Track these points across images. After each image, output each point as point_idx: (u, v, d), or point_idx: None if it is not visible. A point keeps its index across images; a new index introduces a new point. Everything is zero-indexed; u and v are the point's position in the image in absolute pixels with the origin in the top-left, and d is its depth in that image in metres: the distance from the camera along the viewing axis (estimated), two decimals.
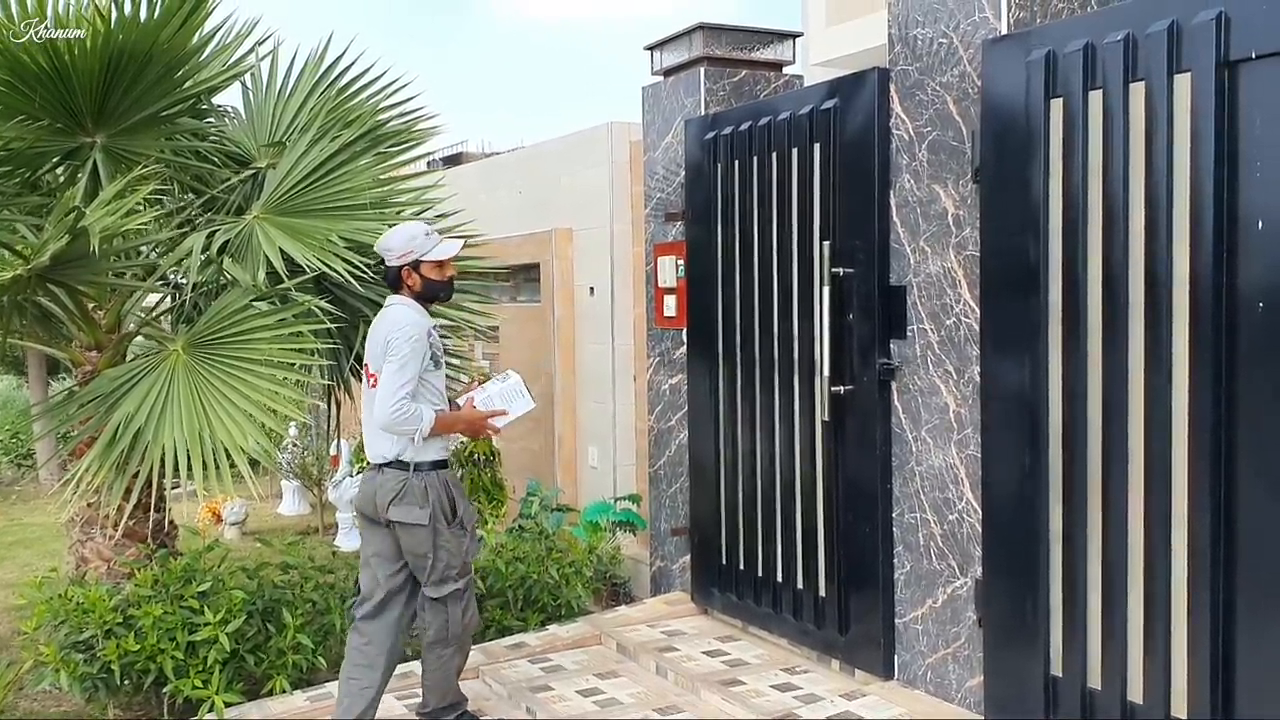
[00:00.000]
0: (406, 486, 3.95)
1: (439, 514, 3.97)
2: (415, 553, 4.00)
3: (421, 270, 4.03)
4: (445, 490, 4.01)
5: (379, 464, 4.01)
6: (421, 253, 4.01)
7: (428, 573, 4.00)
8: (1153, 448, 3.30)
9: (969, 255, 3.89)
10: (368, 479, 4.08)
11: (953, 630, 4.02)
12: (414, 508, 3.95)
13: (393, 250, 4.02)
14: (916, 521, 4.15)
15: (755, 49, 5.44)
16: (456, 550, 4.03)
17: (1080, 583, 3.53)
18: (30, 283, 4.50)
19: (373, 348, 4.00)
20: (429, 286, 4.06)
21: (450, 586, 4.02)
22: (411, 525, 3.96)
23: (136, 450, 4.54)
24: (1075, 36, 3.46)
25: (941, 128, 3.99)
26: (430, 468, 4.00)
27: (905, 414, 4.19)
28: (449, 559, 4.00)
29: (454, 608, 4.06)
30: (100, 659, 4.53)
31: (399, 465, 3.96)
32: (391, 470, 3.97)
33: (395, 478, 3.96)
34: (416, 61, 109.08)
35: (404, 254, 4.00)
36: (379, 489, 3.99)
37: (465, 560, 4.07)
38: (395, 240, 4.02)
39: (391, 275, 4.06)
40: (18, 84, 4.49)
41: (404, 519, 3.95)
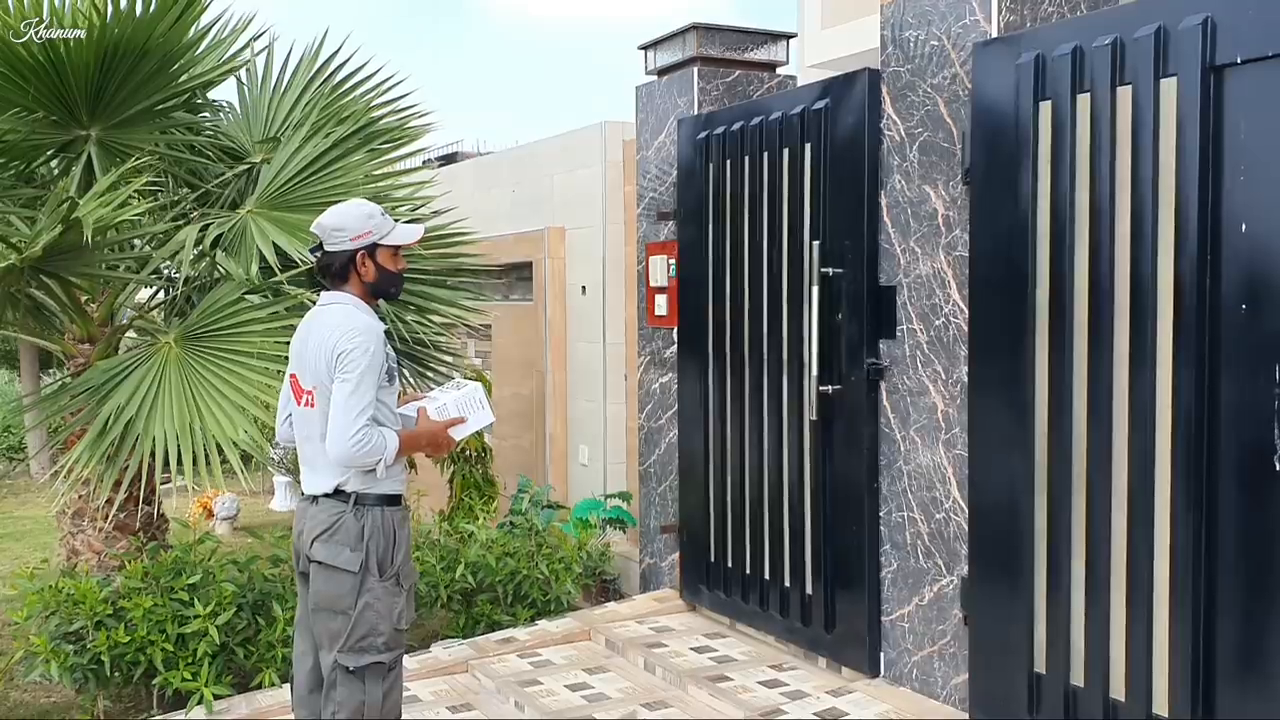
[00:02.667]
0: (340, 522, 3.20)
1: (373, 561, 3.19)
2: (332, 607, 3.20)
3: (377, 257, 3.28)
4: (388, 533, 3.24)
5: (314, 494, 3.28)
6: (380, 235, 3.27)
7: (344, 635, 3.18)
8: (1136, 448, 3.33)
9: (959, 256, 3.92)
10: (299, 513, 3.35)
11: (939, 628, 4.05)
12: (344, 548, 3.18)
13: (345, 230, 3.23)
14: (904, 520, 4.18)
15: (749, 49, 5.47)
16: (386, 611, 3.21)
17: (1064, 581, 3.56)
18: (23, 274, 4.52)
19: (309, 358, 3.24)
20: (383, 278, 3.31)
21: (370, 657, 3.19)
22: (335, 570, 3.18)
23: (127, 442, 4.56)
24: (1064, 40, 3.49)
25: (933, 129, 4.02)
26: (376, 502, 3.24)
27: (894, 413, 4.22)
28: (376, 621, 3.19)
29: (374, 687, 3.21)
30: (90, 650, 4.54)
31: (338, 496, 3.23)
32: (328, 501, 3.24)
33: (329, 509, 3.22)
34: (412, 61, 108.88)
35: (360, 234, 3.24)
36: (307, 522, 3.27)
37: (396, 627, 3.25)
38: (349, 218, 3.25)
39: (338, 263, 3.25)
40: (13, 76, 4.52)
41: (328, 560, 3.19)
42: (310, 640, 3.36)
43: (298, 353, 3.32)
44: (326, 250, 3.27)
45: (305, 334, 3.31)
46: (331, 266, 3.28)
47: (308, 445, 3.33)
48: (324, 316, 3.27)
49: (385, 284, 3.34)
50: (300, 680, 3.41)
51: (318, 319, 3.29)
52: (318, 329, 3.25)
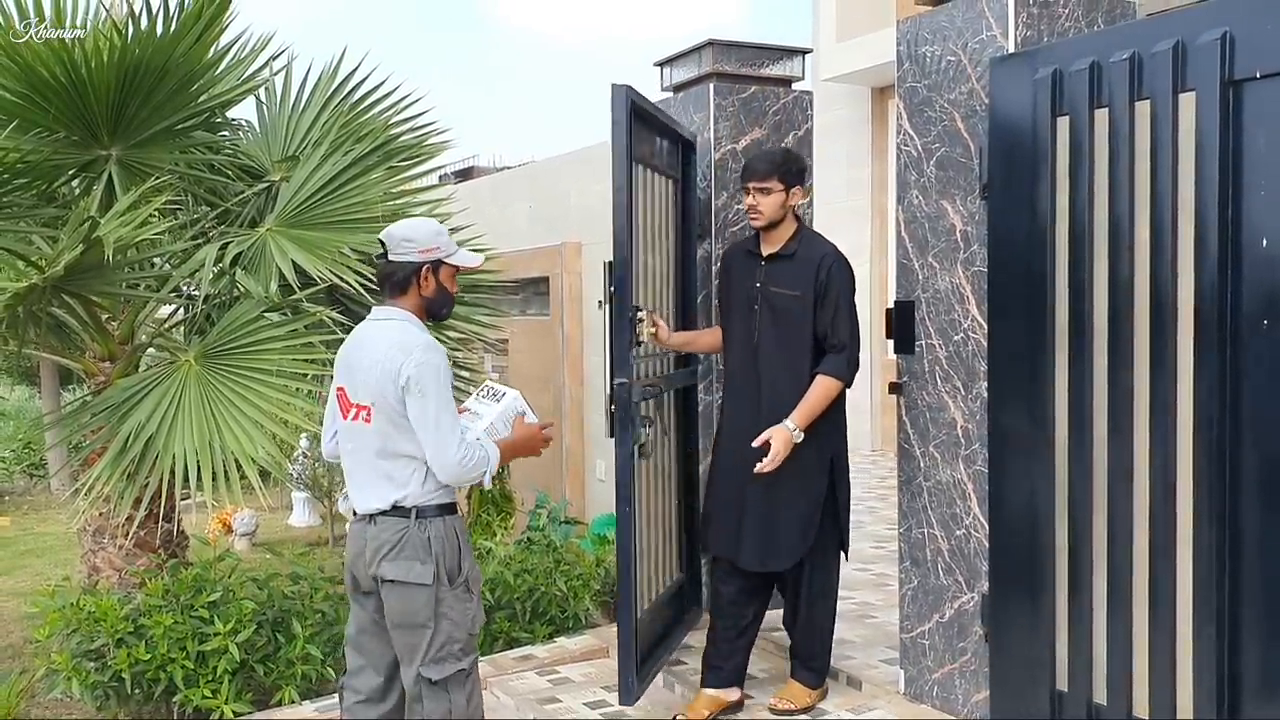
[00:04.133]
0: (406, 537, 3.18)
1: (443, 571, 3.21)
2: (410, 623, 3.21)
3: (440, 275, 3.30)
4: (452, 541, 3.25)
5: (371, 513, 3.24)
6: (446, 253, 3.30)
7: (424, 649, 3.20)
8: (1157, 463, 3.31)
9: (977, 271, 3.92)
10: (355, 534, 3.31)
11: (960, 645, 4.03)
12: (414, 563, 3.17)
13: (415, 242, 3.24)
14: (924, 537, 4.17)
15: (764, 65, 5.47)
16: (461, 619, 3.24)
17: (1086, 598, 3.54)
18: (45, 293, 4.55)
19: (366, 372, 3.20)
20: (440, 297, 3.33)
21: (454, 666, 3.23)
22: (409, 585, 3.18)
23: (147, 459, 4.59)
24: (1081, 55, 3.49)
25: (950, 144, 4.02)
26: (437, 513, 3.24)
27: (913, 429, 4.21)
28: (452, 630, 3.22)
29: (458, 694, 3.25)
30: (111, 667, 4.56)
31: (397, 512, 3.20)
32: (387, 519, 3.20)
33: (392, 527, 3.19)
34: (426, 77, 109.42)
35: (428, 249, 3.26)
36: (369, 542, 3.23)
37: (470, 632, 3.29)
38: (420, 231, 3.27)
39: (402, 275, 3.25)
40: (35, 97, 4.57)
41: (400, 577, 3.18)
42: (371, 656, 3.39)
43: (348, 366, 3.30)
44: (391, 259, 3.27)
45: (357, 348, 3.29)
46: (394, 276, 3.27)
47: (355, 459, 3.29)
48: (381, 332, 3.25)
49: (440, 303, 3.36)
50: (359, 692, 3.40)
51: (374, 335, 3.27)
52: (374, 345, 3.22)
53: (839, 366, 4.07)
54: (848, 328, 4.09)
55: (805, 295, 4.10)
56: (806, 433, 4.03)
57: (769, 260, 4.23)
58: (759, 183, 4.14)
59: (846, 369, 4.08)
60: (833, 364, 4.07)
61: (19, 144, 4.61)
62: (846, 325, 4.09)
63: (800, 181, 4.20)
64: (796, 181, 4.18)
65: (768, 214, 4.15)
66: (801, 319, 4.12)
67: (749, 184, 4.17)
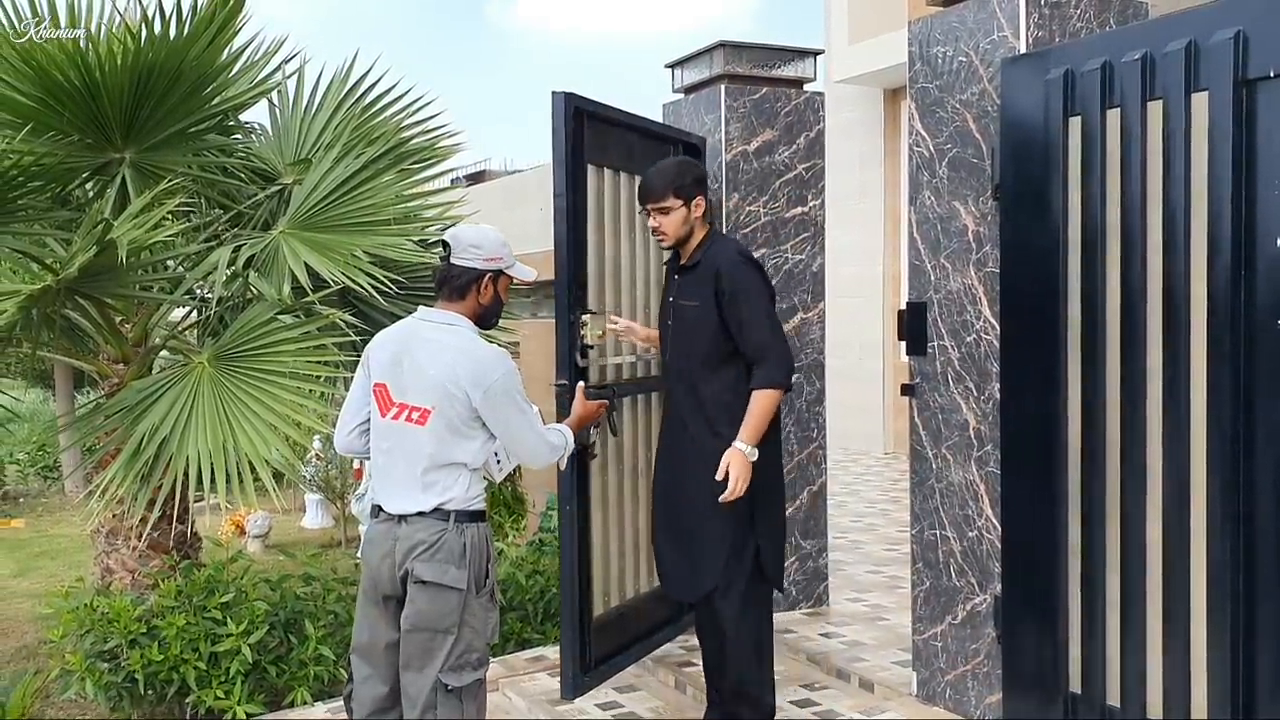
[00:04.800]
0: (443, 540, 3.13)
1: (472, 578, 3.16)
2: (435, 626, 3.13)
3: (499, 285, 3.28)
4: (483, 549, 3.21)
5: (403, 514, 3.18)
6: (507, 265, 3.27)
7: (445, 655, 3.13)
8: (1171, 463, 3.30)
9: (989, 272, 3.91)
10: (382, 533, 3.22)
11: (972, 647, 4.02)
12: (449, 566, 3.11)
13: (482, 250, 3.20)
14: (936, 538, 4.16)
15: (776, 66, 5.47)
16: (481, 627, 3.20)
17: (1099, 600, 3.53)
18: (59, 295, 4.57)
19: (434, 379, 3.13)
20: (495, 307, 3.31)
21: (472, 675, 3.18)
22: (442, 588, 3.12)
23: (160, 461, 4.60)
24: (1093, 55, 3.48)
25: (961, 145, 4.01)
26: (471, 519, 3.19)
27: (925, 431, 4.20)
28: (473, 639, 3.17)
29: (470, 704, 3.21)
30: (125, 668, 4.58)
31: (436, 514, 3.14)
32: (424, 520, 3.14)
33: (430, 528, 3.13)
34: (435, 79, 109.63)
35: (493, 258, 3.22)
36: (400, 541, 3.15)
37: (490, 642, 3.25)
38: (487, 239, 3.23)
39: (464, 280, 3.20)
40: (49, 100, 4.59)
41: (435, 578, 3.11)
42: (379, 666, 3.29)
43: (395, 363, 3.21)
44: (454, 262, 3.20)
45: (405, 345, 3.21)
46: (456, 280, 3.20)
47: (395, 459, 3.21)
48: (442, 337, 3.18)
49: (493, 313, 3.33)
50: (365, 703, 3.33)
51: (433, 338, 3.19)
52: (437, 350, 3.16)
53: (768, 375, 3.75)
54: (760, 333, 3.77)
55: (704, 305, 3.81)
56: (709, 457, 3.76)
57: (680, 273, 3.98)
58: (655, 203, 3.89)
59: (778, 374, 3.76)
60: (761, 375, 3.75)
61: (33, 147, 4.63)
62: (758, 330, 3.76)
63: (700, 191, 3.90)
64: (695, 192, 3.89)
65: (672, 233, 3.91)
66: (699, 330, 3.84)
67: (645, 205, 3.94)
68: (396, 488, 3.20)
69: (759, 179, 5.36)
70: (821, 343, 5.60)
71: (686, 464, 3.90)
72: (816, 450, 5.55)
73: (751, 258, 3.92)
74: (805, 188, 5.50)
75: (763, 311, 3.79)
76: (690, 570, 3.90)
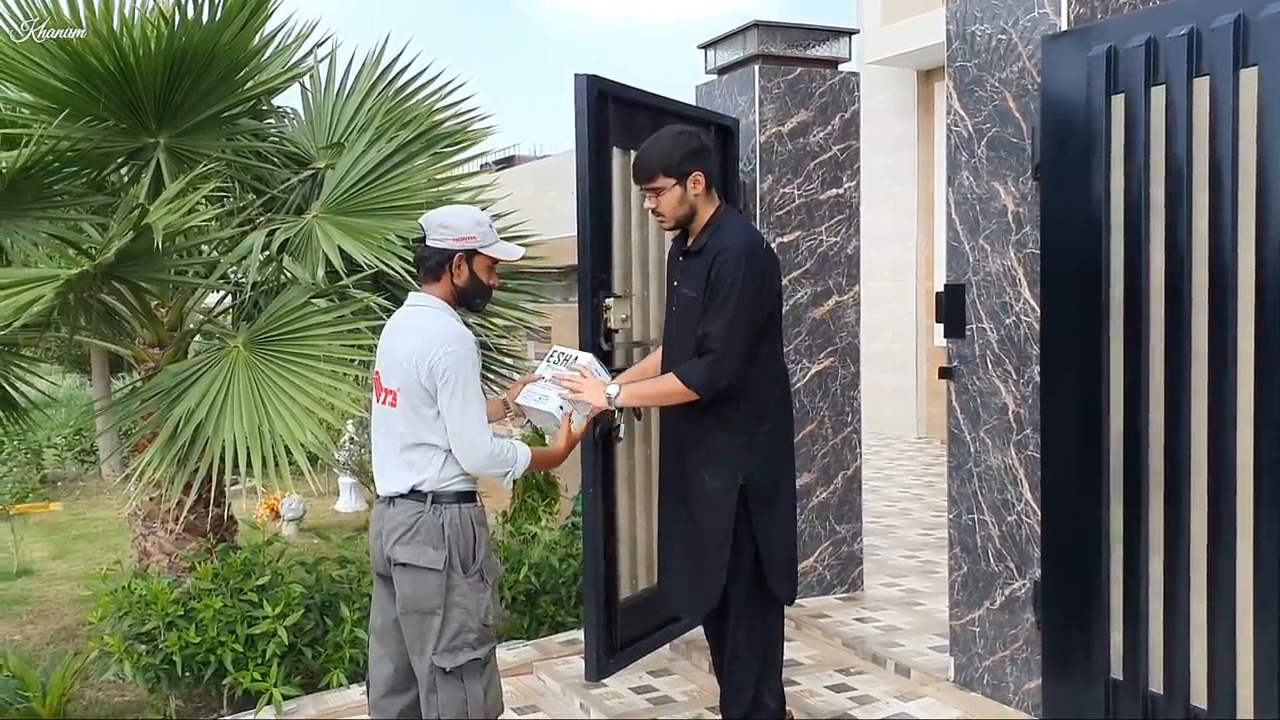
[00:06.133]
0: (420, 521, 3.17)
1: (456, 558, 3.18)
2: (420, 608, 3.18)
3: (474, 264, 3.26)
4: (467, 529, 3.22)
5: (390, 495, 3.24)
6: (482, 243, 3.25)
7: (436, 636, 3.17)
8: (1216, 447, 3.24)
9: (1029, 253, 3.85)
10: (375, 515, 3.33)
11: (1010, 632, 3.98)
12: (426, 548, 3.15)
13: (452, 229, 3.23)
14: (974, 523, 4.11)
15: (810, 46, 5.42)
16: (474, 608, 3.20)
17: (1141, 585, 3.48)
18: (96, 280, 4.59)
19: (396, 358, 3.20)
20: (474, 287, 3.30)
21: (468, 655, 3.19)
22: (420, 570, 3.16)
23: (197, 445, 4.62)
24: (1137, 31, 3.41)
25: (1001, 124, 3.95)
26: (454, 499, 3.21)
27: (963, 414, 4.15)
28: (465, 619, 3.19)
29: (474, 684, 3.21)
30: (162, 650, 4.61)
31: (414, 496, 3.19)
32: (405, 502, 3.19)
33: (408, 510, 3.18)
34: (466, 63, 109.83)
35: (465, 237, 3.23)
36: (386, 523, 3.24)
37: (485, 622, 3.24)
38: (458, 218, 3.26)
39: (435, 261, 3.23)
40: (85, 85, 4.60)
41: (412, 560, 3.16)
42: (389, 645, 3.36)
43: (383, 350, 3.31)
44: (427, 244, 3.25)
45: (391, 333, 3.30)
46: (428, 261, 3.26)
47: (382, 442, 3.29)
48: (412, 319, 3.27)
49: (474, 293, 3.33)
50: (378, 684, 3.40)
51: (406, 320, 3.29)
52: (407, 332, 3.23)
53: (694, 371, 3.42)
54: (720, 328, 3.40)
55: (700, 298, 3.49)
56: (702, 457, 3.54)
57: (685, 257, 3.65)
58: (645, 184, 3.55)
59: (703, 375, 3.41)
60: (689, 368, 3.44)
61: (70, 132, 4.64)
62: (719, 325, 3.40)
63: (696, 166, 3.51)
64: (691, 168, 3.50)
65: (669, 213, 3.56)
66: (695, 325, 3.51)
67: (639, 186, 3.62)
68: (383, 471, 3.28)
69: (793, 161, 5.31)
70: (856, 326, 5.55)
71: (684, 464, 3.62)
72: (851, 435, 5.51)
73: (754, 251, 3.50)
74: (840, 169, 5.45)
75: (737, 309, 3.41)
76: (689, 585, 3.63)
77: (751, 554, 3.55)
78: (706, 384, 3.42)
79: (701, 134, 3.72)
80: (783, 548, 3.63)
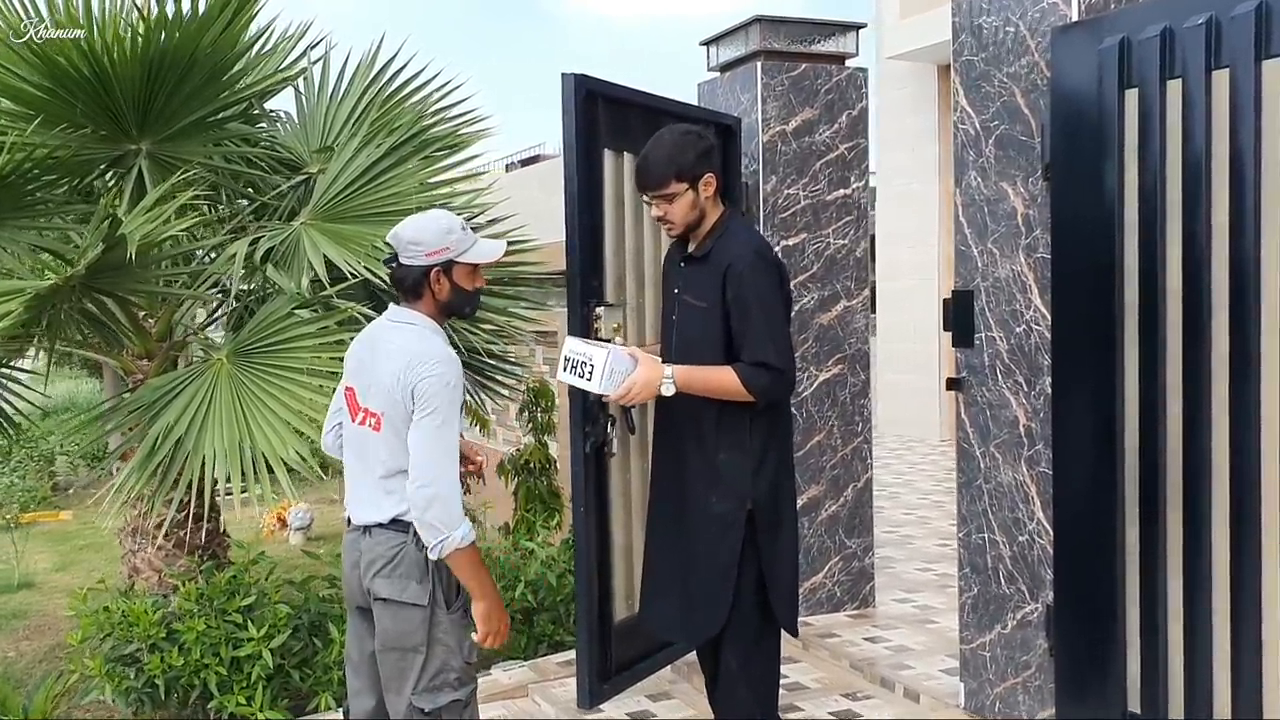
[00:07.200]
0: (402, 553, 2.95)
1: (440, 593, 2.97)
2: (401, 645, 2.97)
3: (454, 275, 3.02)
4: None
5: (367, 525, 3.02)
6: (459, 251, 3.01)
7: (417, 675, 2.97)
8: (1239, 461, 3.02)
9: (1040, 258, 3.64)
10: (349, 544, 3.09)
11: (1022, 659, 3.77)
12: (410, 582, 2.94)
13: (422, 244, 2.97)
14: (984, 542, 3.91)
15: (816, 42, 5.21)
16: (456, 645, 3.00)
17: (1160, 610, 3.26)
18: (76, 291, 4.45)
19: (385, 381, 2.95)
20: (458, 297, 3.07)
21: (449, 695, 2.98)
22: (402, 605, 2.95)
23: (176, 461, 4.48)
24: (1152, 22, 3.20)
25: (1009, 122, 3.74)
26: None
27: (972, 427, 3.95)
28: (447, 657, 2.98)
29: None
30: (146, 673, 4.47)
31: (395, 526, 2.97)
32: (384, 532, 2.97)
33: (388, 541, 2.97)
34: (486, 63, 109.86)
35: (436, 250, 2.98)
36: (363, 555, 3.01)
37: (467, 660, 3.04)
38: (427, 232, 2.99)
39: (412, 280, 3.01)
40: (59, 91, 4.46)
41: (394, 595, 2.95)
42: (366, 679, 3.15)
43: (360, 365, 3.09)
44: (401, 264, 3.02)
45: (370, 349, 3.07)
46: (404, 281, 3.02)
47: (359, 466, 3.08)
48: (394, 337, 3.02)
49: (460, 303, 3.10)
50: (360, 716, 3.19)
51: (389, 340, 3.03)
52: (390, 352, 2.98)
53: (756, 374, 3.19)
54: (766, 342, 3.20)
55: (711, 307, 3.28)
56: (708, 478, 3.32)
57: (687, 263, 3.42)
58: (655, 190, 3.31)
59: (765, 383, 3.19)
60: (753, 373, 3.20)
61: (46, 139, 4.50)
62: (764, 339, 3.20)
63: (708, 167, 3.30)
64: (703, 170, 3.28)
65: (680, 220, 3.33)
66: (706, 336, 3.30)
67: (646, 194, 3.37)
68: (359, 497, 3.06)
69: (798, 160, 5.11)
70: (866, 332, 5.33)
71: (685, 485, 3.38)
72: (861, 445, 5.30)
73: (768, 255, 3.36)
74: (848, 169, 5.24)
75: (771, 320, 3.25)
76: (685, 609, 3.40)
77: (753, 580, 3.32)
78: (765, 392, 3.22)
79: (707, 133, 3.50)
80: (787, 575, 3.43)
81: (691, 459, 3.37)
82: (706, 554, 3.33)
